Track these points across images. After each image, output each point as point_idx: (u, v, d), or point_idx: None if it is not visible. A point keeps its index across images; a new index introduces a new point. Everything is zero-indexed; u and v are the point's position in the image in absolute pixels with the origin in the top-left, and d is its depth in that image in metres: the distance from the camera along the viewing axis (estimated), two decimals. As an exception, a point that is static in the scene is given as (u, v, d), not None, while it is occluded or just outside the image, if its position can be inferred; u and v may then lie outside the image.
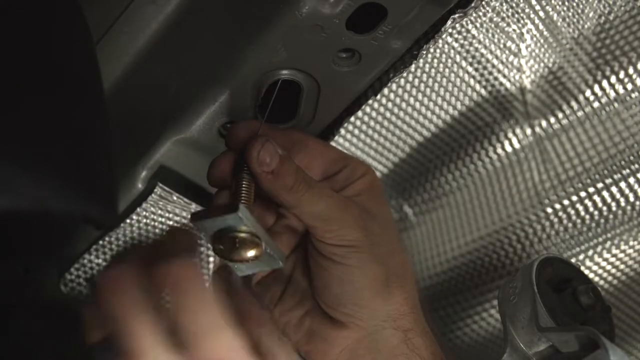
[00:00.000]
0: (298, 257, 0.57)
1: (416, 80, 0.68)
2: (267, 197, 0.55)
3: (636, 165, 0.69)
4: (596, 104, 0.69)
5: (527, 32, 0.66)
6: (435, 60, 0.67)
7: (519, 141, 0.73)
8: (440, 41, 0.65)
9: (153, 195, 0.61)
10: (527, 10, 0.65)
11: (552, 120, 0.71)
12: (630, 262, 0.75)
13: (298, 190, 0.51)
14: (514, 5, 0.64)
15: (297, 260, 0.57)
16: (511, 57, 0.68)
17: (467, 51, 0.67)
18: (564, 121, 0.70)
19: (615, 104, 0.68)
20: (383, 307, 0.54)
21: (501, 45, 0.67)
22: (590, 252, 0.75)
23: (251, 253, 0.49)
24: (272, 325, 0.52)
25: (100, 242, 0.67)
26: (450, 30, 0.59)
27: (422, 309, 0.57)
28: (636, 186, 0.70)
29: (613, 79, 0.67)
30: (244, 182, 0.52)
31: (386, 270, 0.54)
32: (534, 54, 0.68)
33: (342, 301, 0.53)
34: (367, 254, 0.53)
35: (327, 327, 0.54)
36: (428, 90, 0.69)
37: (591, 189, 0.71)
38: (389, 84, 0.57)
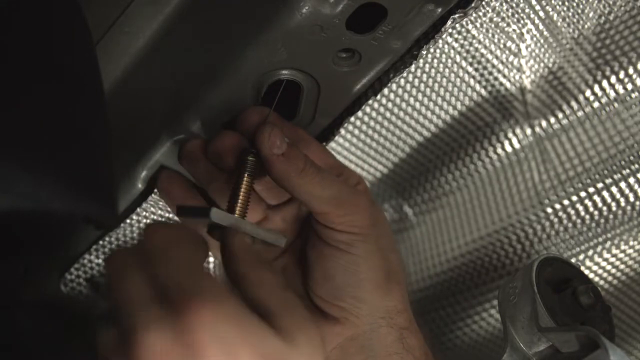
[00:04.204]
0: (290, 257, 0.57)
1: (416, 80, 0.68)
2: (257, 195, 0.55)
3: (636, 165, 0.69)
4: (596, 104, 0.69)
5: (527, 32, 0.66)
6: (435, 60, 0.67)
7: (519, 141, 0.73)
8: (440, 41, 0.65)
9: (153, 195, 0.61)
10: (527, 10, 0.65)
11: (552, 120, 0.71)
12: (630, 262, 0.75)
13: (309, 174, 0.51)
14: (514, 5, 0.64)
15: (288, 261, 0.57)
16: (511, 57, 0.68)
17: (467, 51, 0.67)
18: (564, 121, 0.70)
19: (615, 104, 0.68)
20: (382, 302, 0.53)
21: (501, 45, 0.67)
22: (590, 252, 0.75)
23: None
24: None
25: (100, 242, 0.67)
26: (450, 30, 0.59)
27: (418, 311, 0.57)
28: (636, 186, 0.70)
29: (613, 79, 0.67)
30: (246, 173, 0.52)
31: (388, 265, 0.54)
32: (534, 54, 0.68)
33: (341, 294, 0.53)
34: (373, 244, 0.53)
35: (319, 323, 0.53)
36: (428, 90, 0.69)
37: (591, 189, 0.71)
38: (389, 84, 0.57)
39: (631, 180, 0.70)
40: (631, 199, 0.71)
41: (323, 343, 0.44)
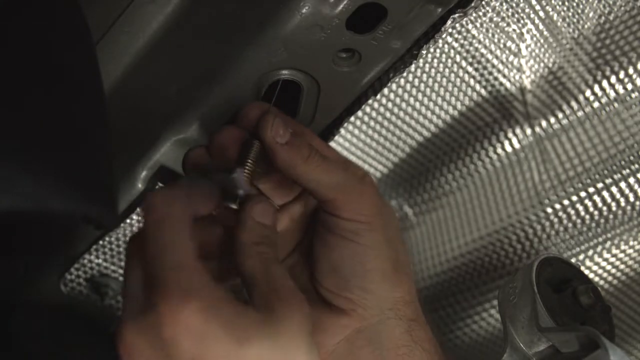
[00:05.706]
0: (298, 255, 0.57)
1: (416, 80, 0.68)
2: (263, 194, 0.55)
3: (636, 165, 0.69)
4: (596, 104, 0.69)
5: (527, 32, 0.66)
6: (435, 60, 0.67)
7: (519, 141, 0.73)
8: (440, 41, 0.65)
9: (153, 195, 0.61)
10: (527, 10, 0.65)
11: (552, 120, 0.71)
12: (630, 262, 0.75)
13: (314, 160, 0.51)
14: (514, 5, 0.64)
15: (297, 259, 0.57)
16: (511, 57, 0.68)
17: (467, 51, 0.67)
18: (564, 121, 0.71)
19: (615, 104, 0.68)
20: (390, 293, 0.53)
21: (501, 45, 0.67)
22: (590, 252, 0.75)
23: None
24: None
25: (100, 242, 0.67)
26: (450, 30, 0.59)
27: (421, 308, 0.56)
28: (636, 186, 0.70)
29: (613, 79, 0.67)
30: (248, 161, 0.51)
31: (396, 255, 0.53)
32: (534, 54, 0.68)
33: (348, 284, 0.52)
34: (380, 234, 0.52)
35: (325, 316, 0.52)
36: (428, 90, 0.69)
37: (591, 189, 0.71)
38: (389, 84, 0.57)
39: (631, 180, 0.70)
40: (631, 199, 0.71)
41: (309, 320, 0.44)
